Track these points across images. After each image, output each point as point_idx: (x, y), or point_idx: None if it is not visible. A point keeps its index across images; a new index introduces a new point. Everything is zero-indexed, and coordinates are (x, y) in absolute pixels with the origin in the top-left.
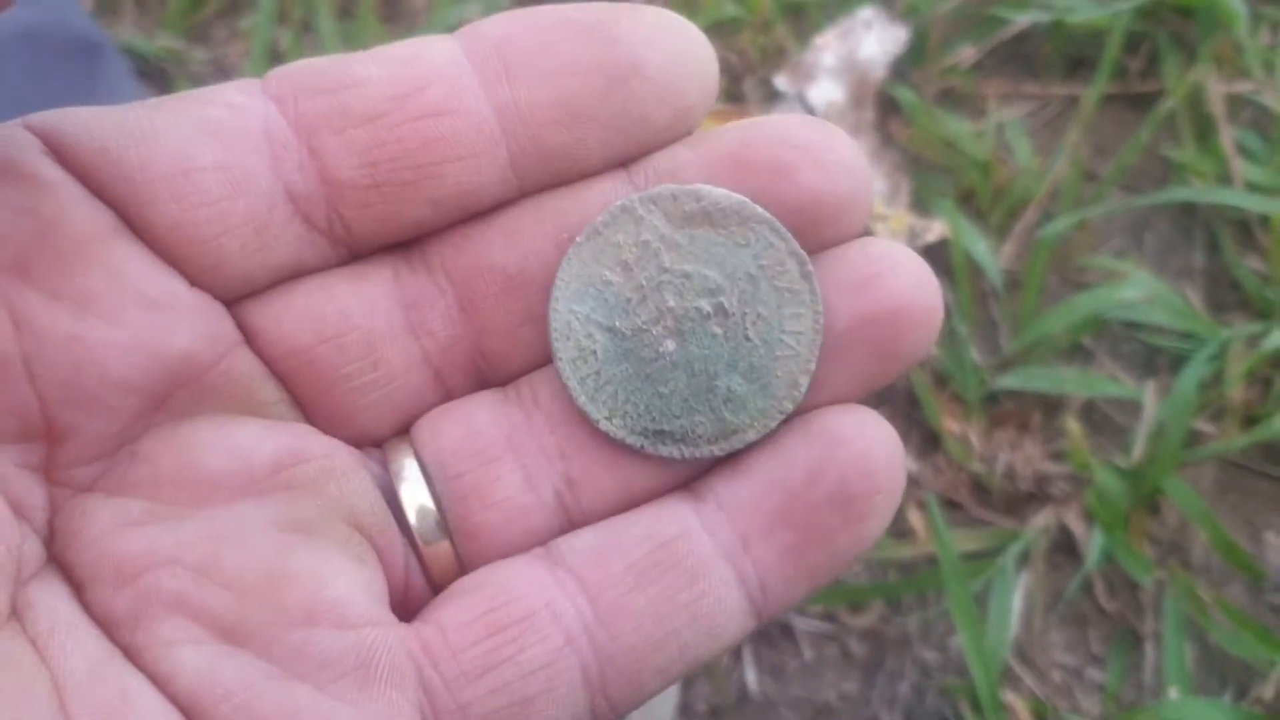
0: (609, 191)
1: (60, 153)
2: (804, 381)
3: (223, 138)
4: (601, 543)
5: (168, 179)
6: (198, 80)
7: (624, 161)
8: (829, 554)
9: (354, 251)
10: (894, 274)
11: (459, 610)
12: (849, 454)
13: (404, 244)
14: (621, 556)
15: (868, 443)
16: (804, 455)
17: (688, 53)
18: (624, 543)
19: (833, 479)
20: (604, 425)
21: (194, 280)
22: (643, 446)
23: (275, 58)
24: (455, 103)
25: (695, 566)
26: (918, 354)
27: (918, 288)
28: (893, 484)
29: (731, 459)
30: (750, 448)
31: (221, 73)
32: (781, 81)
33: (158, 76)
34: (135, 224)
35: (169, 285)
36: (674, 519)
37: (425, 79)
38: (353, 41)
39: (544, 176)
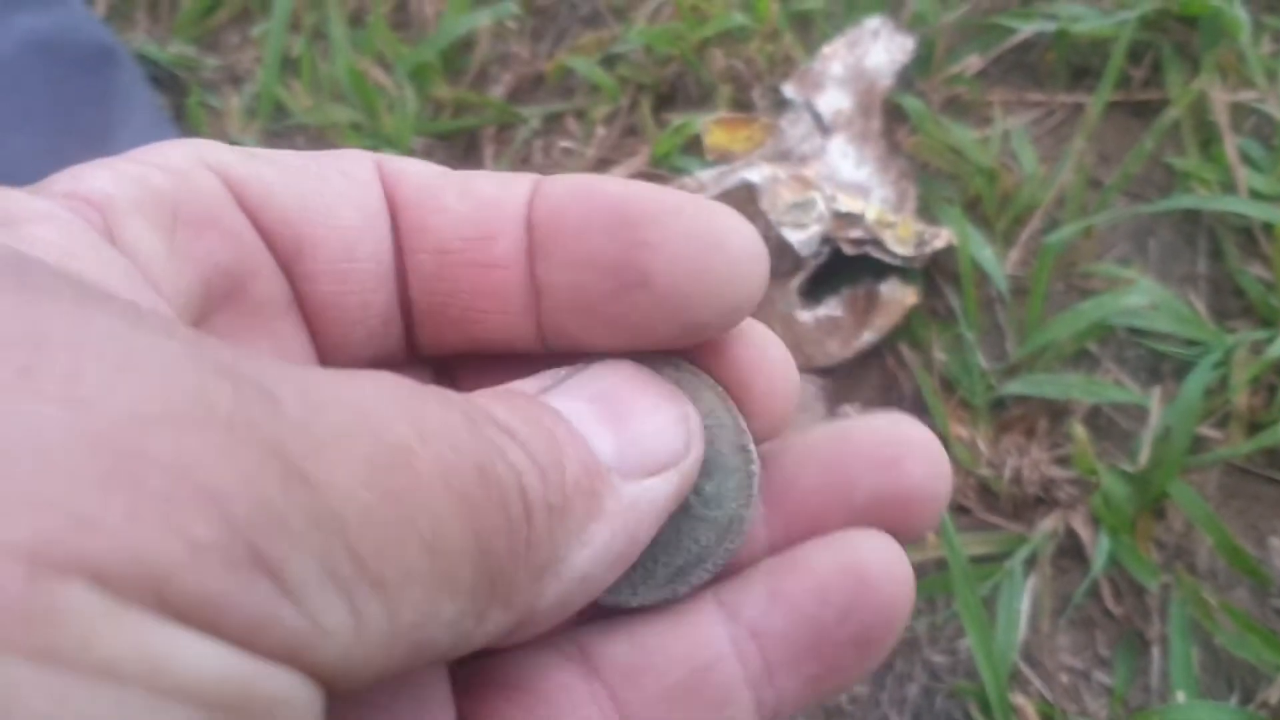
0: None
1: (244, 203)
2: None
3: (370, 224)
4: (639, 657)
5: (334, 260)
6: (211, 87)
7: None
8: (842, 683)
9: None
10: (912, 459)
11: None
12: (878, 598)
13: (436, 361)
14: (658, 678)
15: (895, 587)
16: (837, 590)
17: (709, 271)
18: (660, 662)
19: (860, 620)
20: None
21: (322, 359)
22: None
23: (287, 65)
24: (512, 259)
25: (724, 695)
26: (923, 532)
27: (932, 475)
28: (904, 620)
29: (769, 569)
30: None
31: (234, 80)
32: (789, 90)
33: (170, 83)
34: (299, 296)
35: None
36: (710, 642)
37: (497, 229)
38: (363, 49)
39: (567, 350)
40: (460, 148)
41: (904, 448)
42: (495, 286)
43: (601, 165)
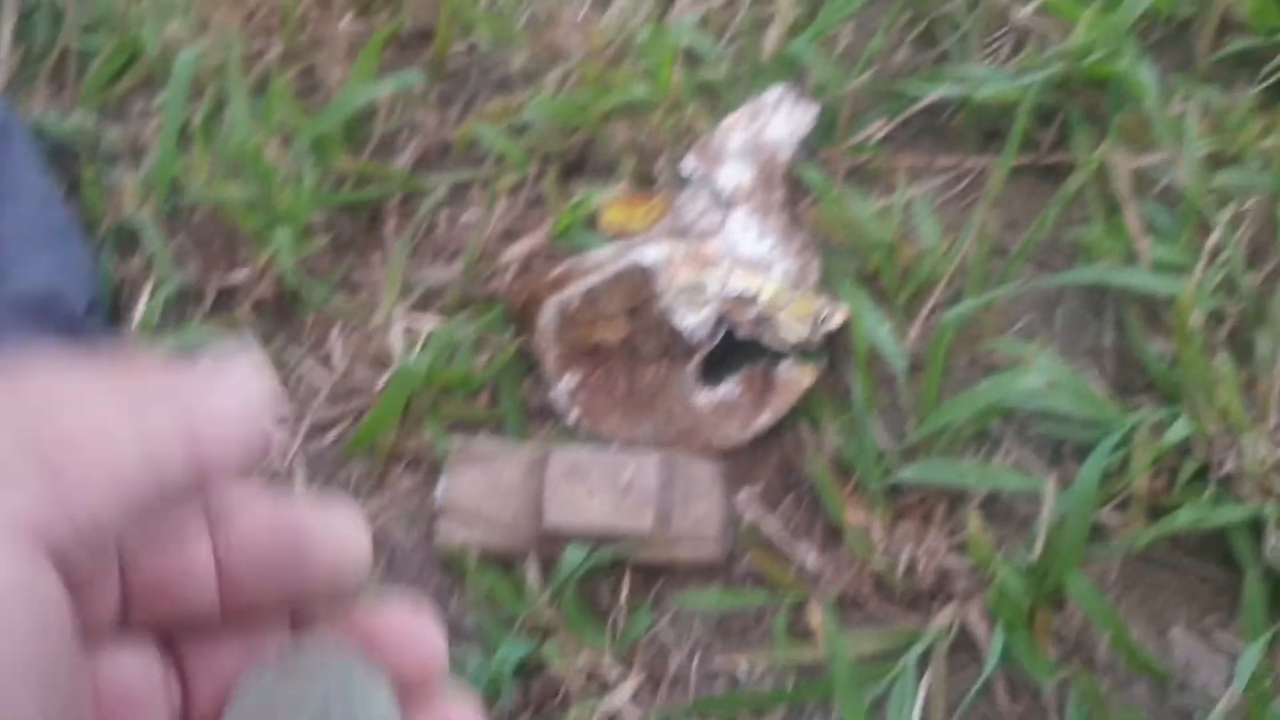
0: None
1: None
2: None
3: None
4: None
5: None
6: (111, 160)
7: None
8: None
9: None
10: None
11: None
12: None
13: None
14: None
15: None
16: None
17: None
18: None
19: None
20: None
21: None
22: None
23: (189, 137)
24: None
25: None
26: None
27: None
28: None
29: None
30: None
31: (136, 151)
32: (689, 164)
33: (68, 156)
34: None
35: None
36: None
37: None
38: (265, 118)
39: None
40: (363, 220)
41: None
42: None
43: (505, 237)
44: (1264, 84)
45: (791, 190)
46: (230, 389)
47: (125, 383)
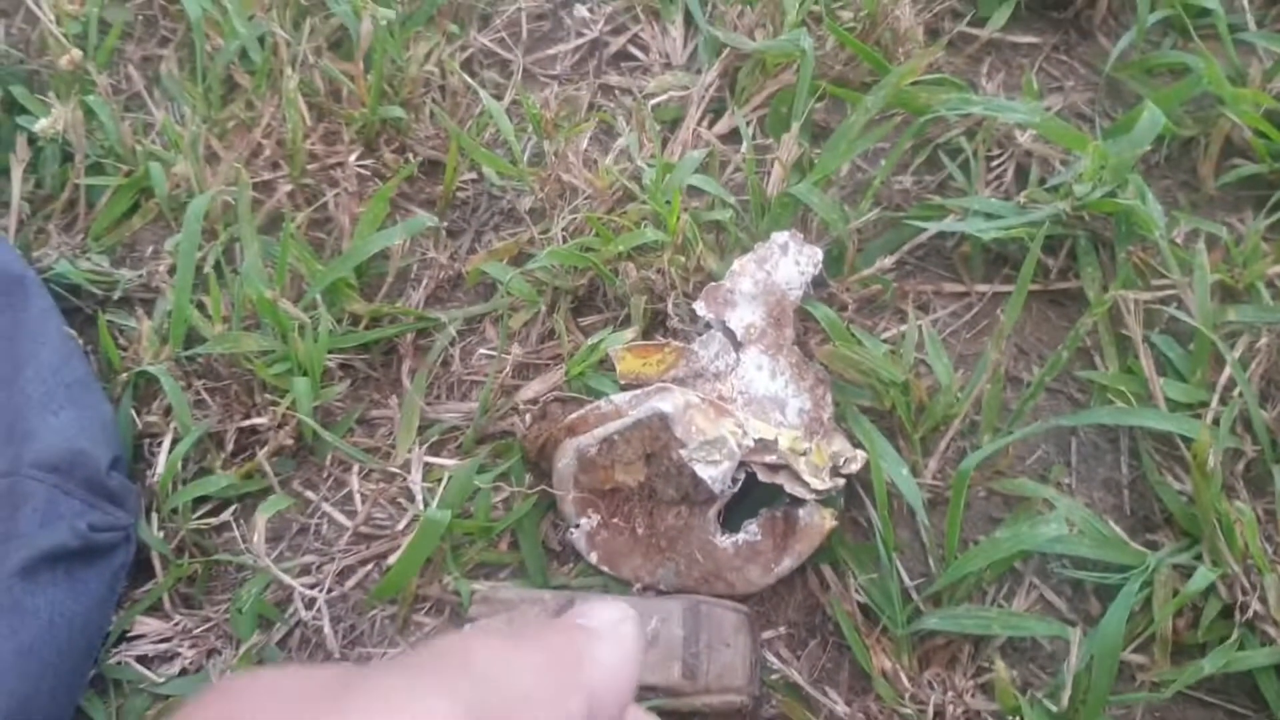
0: None
1: None
2: None
3: None
4: None
5: None
6: (125, 305)
7: None
8: None
9: None
10: None
11: None
12: None
13: None
14: None
15: None
16: None
17: None
18: None
19: None
20: None
21: None
22: None
23: (200, 278)
24: None
25: None
26: None
27: None
28: None
29: None
30: None
31: (150, 292)
32: (700, 308)
33: (83, 297)
34: None
35: None
36: None
37: None
38: (278, 268)
39: None
40: (378, 358)
41: None
42: None
43: (521, 371)
44: (1272, 215)
45: (802, 325)
46: (613, 644)
47: (538, 649)
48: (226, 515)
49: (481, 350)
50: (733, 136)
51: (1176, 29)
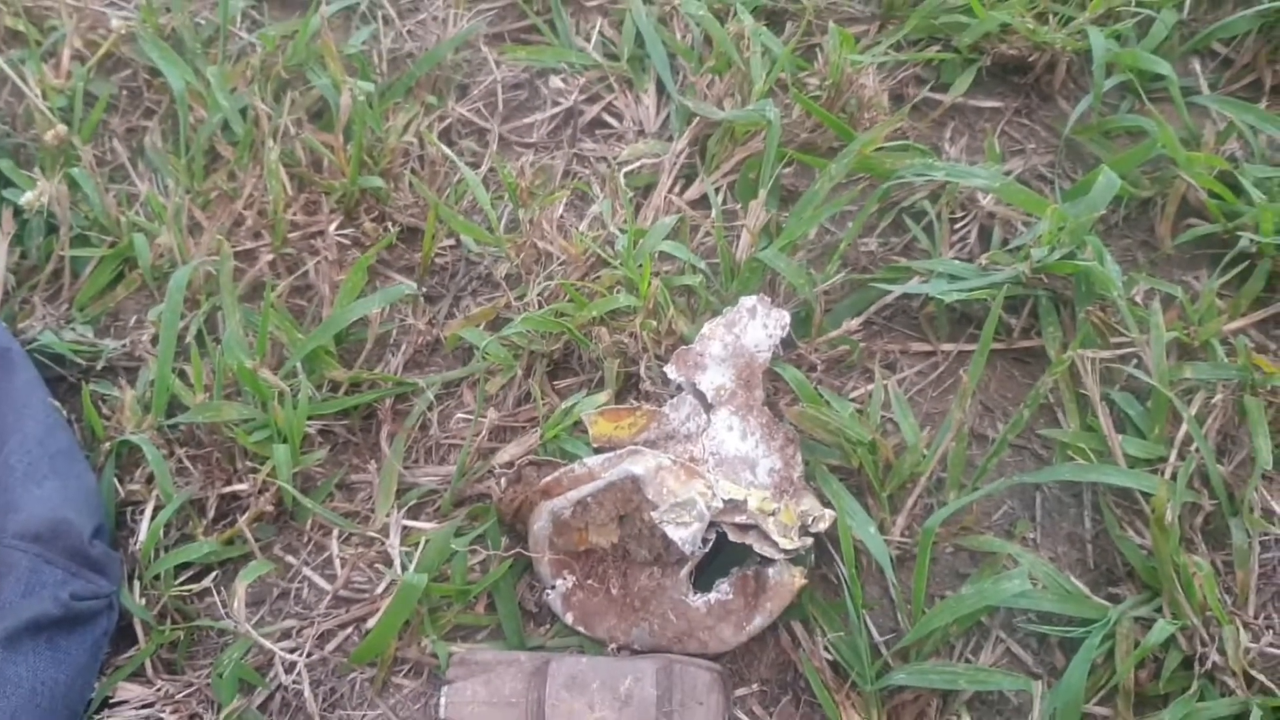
0: None
1: None
2: None
3: None
4: None
5: None
6: (111, 373)
7: None
8: None
9: None
10: None
11: None
12: None
13: None
14: None
15: None
16: None
17: None
18: None
19: None
20: None
21: None
22: None
23: (183, 347)
24: None
25: None
26: None
27: None
28: None
29: None
30: None
31: (134, 360)
32: (672, 371)
33: (67, 366)
34: None
35: None
36: None
37: None
38: (259, 338)
39: None
40: (357, 423)
41: None
42: None
43: (498, 434)
44: (1226, 273)
45: (772, 386)
46: None
47: None
48: (208, 581)
49: (459, 414)
50: (703, 202)
51: (1133, 92)
